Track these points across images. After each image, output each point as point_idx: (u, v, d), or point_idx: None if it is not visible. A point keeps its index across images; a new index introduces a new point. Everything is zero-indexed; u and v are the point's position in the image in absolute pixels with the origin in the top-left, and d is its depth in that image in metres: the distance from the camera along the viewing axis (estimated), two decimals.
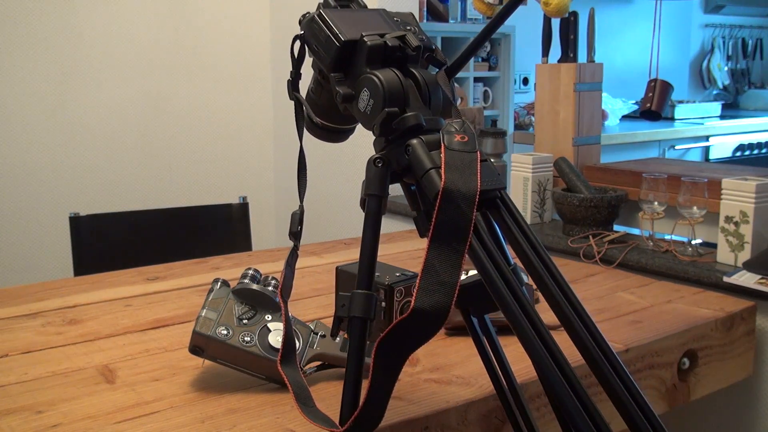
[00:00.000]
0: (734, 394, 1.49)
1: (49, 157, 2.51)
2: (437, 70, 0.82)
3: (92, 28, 2.54)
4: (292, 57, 0.85)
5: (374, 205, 0.78)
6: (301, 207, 0.88)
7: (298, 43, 0.85)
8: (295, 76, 0.86)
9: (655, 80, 2.10)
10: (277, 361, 0.84)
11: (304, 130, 0.91)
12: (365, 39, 0.79)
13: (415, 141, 0.75)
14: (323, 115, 0.90)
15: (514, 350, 1.13)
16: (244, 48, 2.85)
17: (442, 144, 0.73)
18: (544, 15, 1.92)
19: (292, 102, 0.89)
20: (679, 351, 1.24)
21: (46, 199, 2.51)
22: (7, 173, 2.44)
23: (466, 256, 0.69)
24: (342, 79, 0.81)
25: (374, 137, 0.80)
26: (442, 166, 0.70)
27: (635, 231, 1.82)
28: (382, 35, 0.79)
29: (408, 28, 0.84)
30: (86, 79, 2.55)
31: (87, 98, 2.56)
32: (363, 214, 0.81)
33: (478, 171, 0.71)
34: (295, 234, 0.86)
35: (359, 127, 0.90)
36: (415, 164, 0.74)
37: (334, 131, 0.94)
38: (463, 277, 1.21)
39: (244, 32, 2.85)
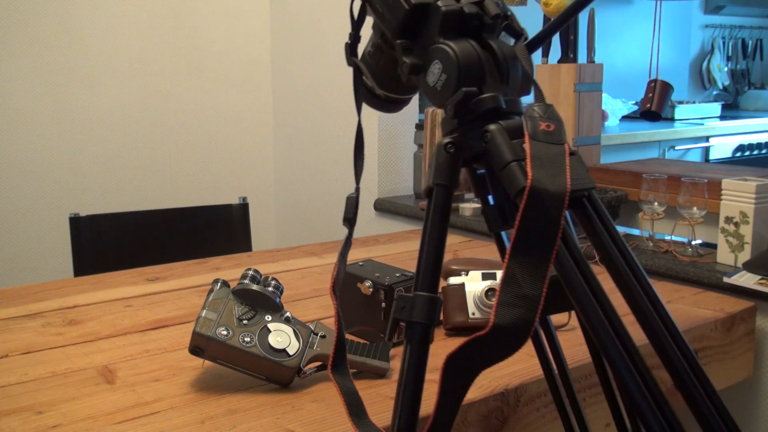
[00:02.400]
0: (734, 395, 1.49)
1: (49, 157, 2.51)
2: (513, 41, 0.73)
3: (92, 28, 2.54)
4: (351, 17, 0.78)
5: (442, 195, 0.70)
6: (358, 190, 0.77)
7: (358, 2, 0.77)
8: (354, 38, 0.79)
9: (655, 81, 2.10)
10: (328, 367, 0.77)
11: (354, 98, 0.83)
12: (439, 3, 0.70)
13: (494, 127, 0.66)
14: (380, 83, 0.82)
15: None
16: (244, 48, 2.85)
17: (526, 132, 0.64)
18: (544, 15, 1.92)
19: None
20: None
21: (46, 199, 2.51)
22: (7, 173, 2.44)
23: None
24: (409, 48, 0.72)
25: (444, 118, 0.72)
26: (528, 160, 0.62)
27: (635, 231, 1.82)
28: (457, 0, 0.70)
29: None
30: (86, 79, 2.55)
31: (87, 98, 2.56)
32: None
33: (567, 167, 0.62)
34: (350, 220, 0.77)
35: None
36: (494, 154, 0.66)
37: (392, 101, 0.85)
38: (461, 279, 1.21)
39: (244, 32, 2.85)
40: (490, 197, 0.73)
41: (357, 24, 0.78)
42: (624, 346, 0.61)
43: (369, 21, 0.80)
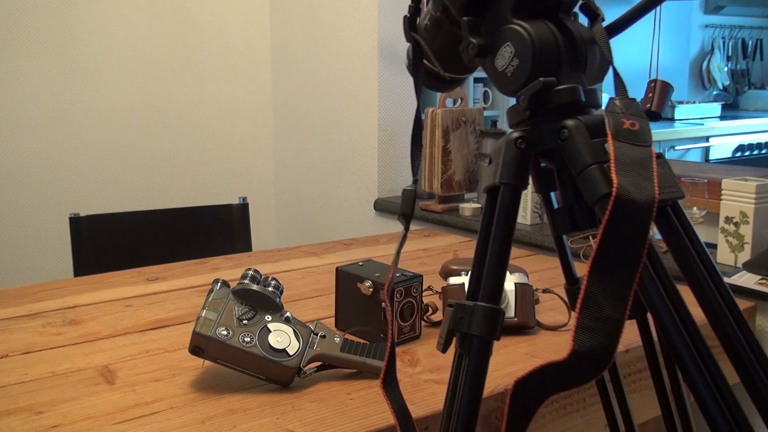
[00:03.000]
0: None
1: (49, 157, 2.51)
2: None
3: (92, 28, 2.54)
4: None
5: (509, 196, 0.63)
6: (416, 182, 0.70)
7: None
8: (414, 12, 0.72)
9: (655, 81, 2.09)
10: (379, 382, 0.71)
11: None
12: None
13: (572, 123, 0.60)
14: (436, 61, 0.74)
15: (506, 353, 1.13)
16: (244, 48, 2.85)
17: (608, 131, 0.57)
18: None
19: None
20: None
21: (46, 199, 2.51)
22: (7, 173, 2.44)
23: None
24: (476, 26, 0.65)
25: (511, 107, 0.65)
26: (612, 164, 0.55)
27: None
28: None
29: None
30: (86, 79, 2.55)
31: (87, 99, 2.56)
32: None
33: (655, 173, 0.56)
34: (407, 216, 0.71)
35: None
36: (571, 154, 0.60)
37: (446, 80, 0.77)
38: (461, 279, 1.21)
39: (244, 32, 2.85)
40: (552, 195, 0.69)
41: None
42: (713, 379, 0.57)
43: None
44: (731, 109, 4.65)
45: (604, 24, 0.65)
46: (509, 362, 1.08)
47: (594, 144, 0.59)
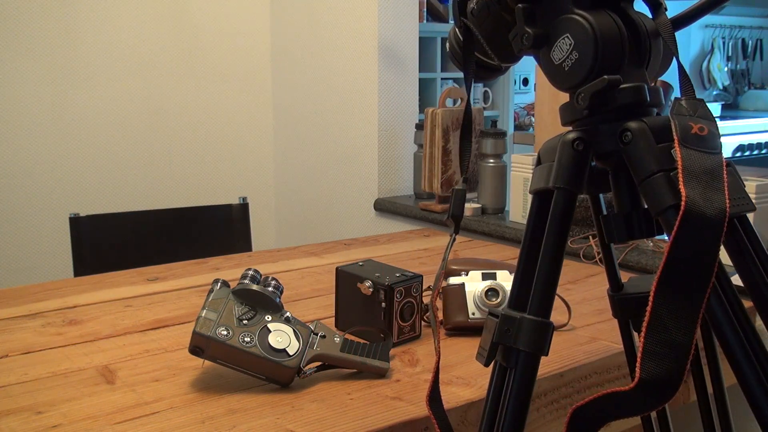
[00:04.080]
0: (734, 395, 1.49)
1: (49, 157, 2.51)
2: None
3: (92, 28, 2.54)
4: None
5: (563, 202, 0.59)
6: (465, 180, 0.67)
7: None
8: None
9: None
10: (425, 398, 0.68)
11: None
12: None
13: (636, 125, 0.56)
14: (481, 48, 0.69)
15: None
16: (244, 48, 2.85)
17: (675, 136, 0.53)
18: None
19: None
20: None
21: (46, 199, 2.51)
22: (7, 173, 2.44)
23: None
24: (532, 14, 0.60)
25: (566, 104, 0.61)
26: (680, 174, 0.51)
27: None
28: None
29: None
30: (86, 79, 2.55)
31: (87, 98, 2.56)
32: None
33: (725, 185, 0.51)
34: (457, 217, 0.67)
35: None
36: (634, 160, 0.56)
37: (490, 68, 0.71)
38: (461, 279, 1.21)
39: (244, 32, 2.85)
40: (601, 197, 0.65)
41: None
42: None
43: None
44: (731, 109, 4.65)
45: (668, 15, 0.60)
46: None
47: (659, 149, 0.55)
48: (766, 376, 0.53)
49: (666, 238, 0.53)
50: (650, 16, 0.61)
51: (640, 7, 0.62)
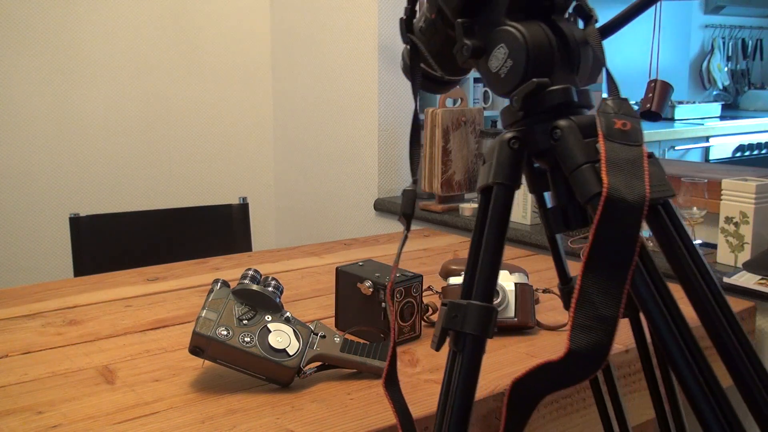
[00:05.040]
0: (734, 395, 1.49)
1: (49, 157, 2.51)
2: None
3: (92, 28, 2.54)
4: None
5: (503, 196, 0.64)
6: (415, 182, 0.71)
7: None
8: (410, 13, 0.72)
9: (655, 81, 2.10)
10: (381, 382, 0.72)
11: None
12: None
13: (565, 123, 0.61)
14: (432, 62, 0.75)
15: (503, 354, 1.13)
16: (244, 48, 2.85)
17: (600, 131, 0.58)
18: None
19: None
20: None
21: (46, 199, 2.51)
22: (7, 173, 2.44)
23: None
24: (470, 28, 0.66)
25: (505, 108, 0.66)
26: (603, 164, 0.56)
27: None
28: None
29: None
30: (86, 79, 2.55)
31: (87, 98, 2.56)
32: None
33: (646, 173, 0.56)
34: (408, 216, 0.71)
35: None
36: (563, 154, 0.61)
37: (441, 82, 0.78)
38: (461, 279, 1.21)
39: (244, 32, 2.85)
40: (545, 195, 0.69)
41: None
42: (699, 367, 0.57)
43: None
44: (731, 109, 4.65)
45: (598, 25, 0.65)
46: (509, 362, 1.08)
47: (586, 144, 0.60)
48: (686, 346, 0.57)
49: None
50: (581, 26, 0.66)
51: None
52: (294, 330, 1.00)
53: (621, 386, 0.79)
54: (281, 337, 0.98)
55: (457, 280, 1.21)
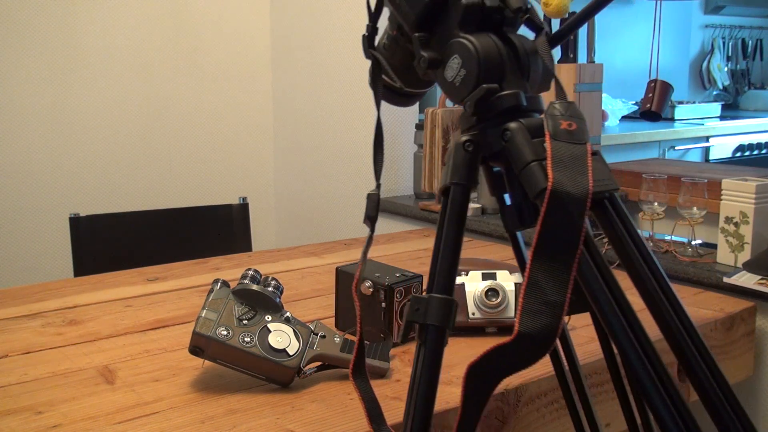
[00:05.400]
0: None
1: (49, 157, 2.51)
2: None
3: (92, 28, 2.54)
4: (368, 8, 0.77)
5: (460, 195, 0.69)
6: (378, 187, 0.77)
7: None
8: (372, 31, 0.77)
9: (655, 81, 2.10)
10: (349, 372, 0.76)
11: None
12: None
13: (514, 125, 0.65)
14: (394, 76, 0.80)
15: None
16: (244, 48, 2.85)
17: (546, 132, 0.62)
18: (544, 15, 1.91)
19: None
20: None
21: (46, 199, 2.51)
22: (7, 173, 2.44)
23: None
24: (427, 41, 0.71)
25: (462, 114, 0.71)
26: (548, 160, 0.60)
27: None
28: None
29: None
30: (86, 79, 2.55)
31: (87, 99, 2.56)
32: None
33: (589, 168, 0.61)
34: (372, 218, 0.76)
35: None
36: (513, 153, 0.65)
37: (406, 95, 0.83)
38: (461, 279, 1.21)
39: (244, 32, 2.85)
40: (506, 196, 0.72)
41: (374, 16, 0.76)
42: (644, 350, 0.60)
43: (386, 13, 0.79)
44: (731, 109, 4.64)
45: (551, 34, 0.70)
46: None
47: (534, 143, 0.64)
48: (632, 329, 0.60)
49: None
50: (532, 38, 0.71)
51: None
52: (294, 330, 1.00)
53: (602, 392, 0.79)
54: (281, 337, 0.98)
55: (457, 280, 1.21)
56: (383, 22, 0.80)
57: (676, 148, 3.58)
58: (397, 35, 0.78)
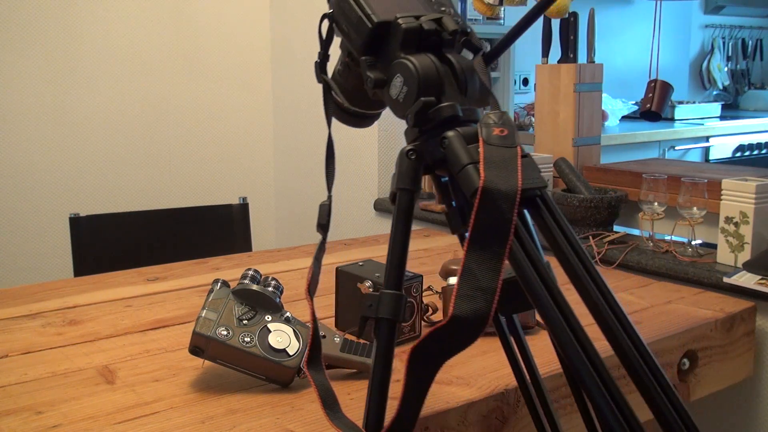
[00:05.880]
0: (734, 395, 1.49)
1: (49, 157, 2.51)
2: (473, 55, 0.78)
3: (92, 28, 2.54)
4: (320, 37, 0.82)
5: (406, 200, 0.75)
6: (330, 197, 0.83)
7: (326, 23, 0.81)
8: (323, 57, 0.83)
9: (655, 81, 2.10)
10: (303, 363, 0.81)
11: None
12: (399, 21, 0.75)
13: (451, 133, 0.71)
14: (350, 100, 0.88)
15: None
16: (244, 49, 2.85)
17: (480, 138, 0.69)
18: (544, 15, 1.92)
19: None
20: (679, 351, 1.24)
21: (46, 199, 2.51)
22: (7, 173, 2.44)
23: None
24: (373, 63, 0.77)
25: (407, 128, 0.77)
26: (481, 162, 0.66)
27: (635, 231, 1.81)
28: (417, 17, 0.76)
29: (443, 9, 0.79)
30: (86, 79, 2.55)
31: (87, 99, 2.56)
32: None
33: (519, 168, 0.67)
34: (324, 226, 0.82)
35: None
36: (451, 158, 0.70)
37: (361, 116, 0.91)
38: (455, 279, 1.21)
39: (244, 33, 2.85)
40: (453, 203, 0.77)
41: (325, 43, 0.82)
42: (575, 334, 0.63)
43: (337, 42, 0.84)
44: (731, 109, 4.64)
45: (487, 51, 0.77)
46: (508, 362, 1.08)
47: (470, 149, 0.70)
48: (560, 310, 0.64)
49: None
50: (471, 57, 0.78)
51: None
52: (294, 330, 1.00)
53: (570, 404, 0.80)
54: (281, 337, 0.98)
55: (450, 280, 1.21)
56: (335, 53, 0.85)
57: (676, 148, 3.58)
58: (348, 61, 0.84)
